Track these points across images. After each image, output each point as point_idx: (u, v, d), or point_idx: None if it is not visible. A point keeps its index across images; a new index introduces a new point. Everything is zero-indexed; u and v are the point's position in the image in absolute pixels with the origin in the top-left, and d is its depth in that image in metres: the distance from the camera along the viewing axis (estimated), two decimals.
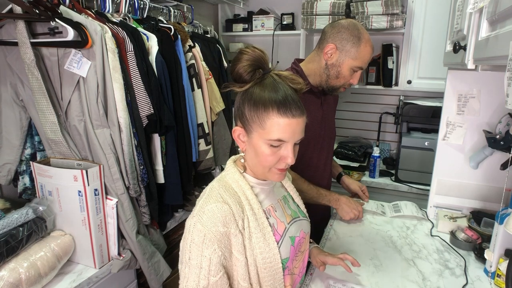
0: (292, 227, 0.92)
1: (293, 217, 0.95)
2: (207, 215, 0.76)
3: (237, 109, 0.83)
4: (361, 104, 2.66)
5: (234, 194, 0.83)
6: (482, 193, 1.46)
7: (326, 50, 1.30)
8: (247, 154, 0.85)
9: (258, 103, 0.77)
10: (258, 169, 0.85)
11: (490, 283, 1.11)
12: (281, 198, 0.97)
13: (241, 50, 0.79)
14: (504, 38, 0.68)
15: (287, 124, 0.77)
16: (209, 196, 0.81)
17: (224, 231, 0.76)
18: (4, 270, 1.03)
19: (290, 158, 0.80)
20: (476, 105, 1.40)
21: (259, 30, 2.63)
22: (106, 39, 1.22)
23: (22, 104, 1.30)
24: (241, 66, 0.78)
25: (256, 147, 0.80)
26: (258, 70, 0.80)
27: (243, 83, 0.80)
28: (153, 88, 1.40)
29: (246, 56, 0.78)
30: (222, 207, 0.77)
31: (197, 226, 0.75)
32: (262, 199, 0.89)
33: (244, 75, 0.79)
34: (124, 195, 1.30)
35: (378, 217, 1.56)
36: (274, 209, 0.90)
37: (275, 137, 0.77)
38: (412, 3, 2.11)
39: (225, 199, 0.79)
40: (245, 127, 0.81)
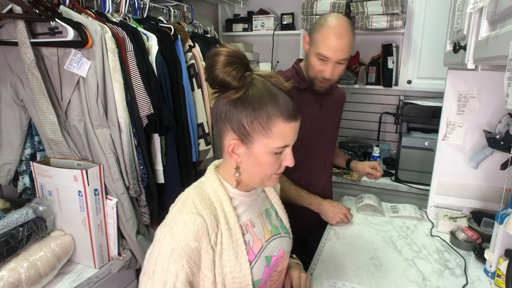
0: (270, 245, 0.85)
1: (273, 234, 0.87)
2: (178, 227, 0.69)
3: (226, 118, 0.73)
4: (361, 104, 2.66)
5: (210, 204, 0.76)
6: (482, 193, 1.46)
7: (304, 41, 1.37)
8: (243, 166, 0.77)
9: (260, 111, 0.70)
10: (256, 179, 0.79)
11: (490, 283, 1.11)
12: (263, 211, 0.89)
13: (217, 52, 0.69)
14: (504, 38, 0.68)
15: (291, 129, 0.74)
16: (183, 206, 0.74)
17: (195, 246, 0.70)
18: (4, 270, 1.03)
19: (290, 160, 0.77)
20: (476, 105, 1.40)
21: (259, 30, 2.63)
22: (106, 39, 1.21)
23: (22, 104, 1.30)
24: (226, 71, 0.68)
25: (259, 158, 0.74)
26: (246, 73, 0.72)
27: (230, 89, 0.71)
28: (153, 88, 1.40)
29: (224, 58, 0.69)
30: (195, 220, 0.70)
31: (166, 238, 0.69)
32: (241, 212, 0.82)
33: (233, 82, 0.69)
34: (124, 195, 1.30)
35: (378, 217, 1.56)
36: (253, 225, 0.83)
37: (282, 144, 0.73)
38: (412, 3, 2.11)
39: (199, 210, 0.73)
40: (243, 138, 0.73)
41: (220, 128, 0.76)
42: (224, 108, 0.73)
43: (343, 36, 1.23)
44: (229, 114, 0.72)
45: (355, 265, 1.19)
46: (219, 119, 0.75)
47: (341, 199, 1.77)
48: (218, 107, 0.75)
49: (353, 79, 2.48)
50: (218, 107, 0.75)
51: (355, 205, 1.66)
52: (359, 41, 2.54)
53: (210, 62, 0.70)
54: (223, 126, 0.75)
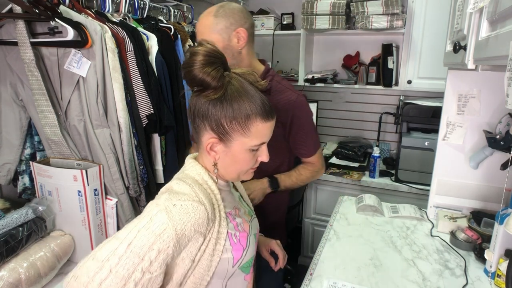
0: (252, 225, 0.91)
1: (249, 215, 0.94)
2: (178, 211, 0.67)
3: (204, 117, 0.74)
4: (361, 104, 2.66)
5: (207, 194, 0.76)
6: (482, 193, 1.45)
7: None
8: (220, 163, 0.79)
9: (239, 112, 0.72)
10: (233, 174, 0.82)
11: (490, 283, 1.11)
12: (238, 198, 0.95)
13: (195, 51, 0.69)
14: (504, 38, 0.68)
15: (268, 127, 0.77)
16: (180, 192, 0.72)
17: (189, 234, 0.69)
18: (4, 270, 1.03)
19: (266, 156, 0.80)
20: (476, 105, 1.40)
21: (259, 30, 2.63)
22: (106, 38, 1.21)
23: (22, 104, 1.30)
24: (206, 71, 0.69)
25: (236, 155, 0.77)
26: (225, 72, 0.73)
27: (209, 89, 0.71)
28: (153, 88, 1.40)
29: (203, 58, 0.68)
30: (198, 208, 0.69)
31: (160, 215, 0.66)
32: (228, 200, 0.85)
33: (213, 82, 0.70)
34: (124, 195, 1.30)
35: (378, 217, 1.56)
36: (238, 210, 0.89)
37: (259, 142, 0.76)
38: (412, 3, 2.11)
39: (201, 199, 0.72)
40: (222, 137, 0.75)
41: (198, 126, 0.77)
42: (202, 107, 0.74)
43: (200, 19, 1.19)
44: (208, 113, 0.74)
45: (355, 265, 1.19)
46: (197, 117, 0.76)
47: (341, 199, 1.77)
48: (196, 105, 0.75)
49: (353, 79, 2.48)
50: (196, 105, 0.75)
51: (355, 205, 1.66)
52: (359, 41, 2.55)
53: (188, 62, 0.70)
54: (201, 124, 0.76)
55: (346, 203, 1.71)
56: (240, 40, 1.17)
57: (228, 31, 1.15)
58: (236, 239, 0.81)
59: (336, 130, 2.79)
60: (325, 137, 2.82)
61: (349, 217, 1.56)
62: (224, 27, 1.14)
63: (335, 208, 1.66)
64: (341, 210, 1.64)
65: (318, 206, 2.46)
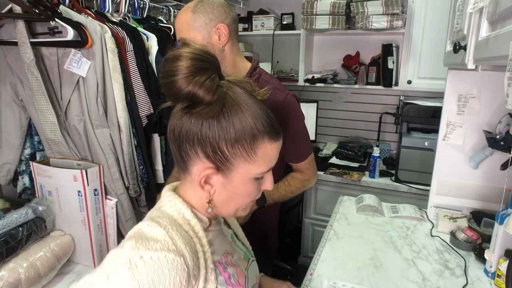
0: (249, 273, 0.73)
1: (246, 260, 0.75)
2: (147, 266, 0.50)
3: (196, 142, 0.57)
4: (361, 104, 2.66)
5: (189, 239, 0.58)
6: (482, 193, 1.45)
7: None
8: (216, 197, 0.62)
9: (243, 132, 0.56)
10: (231, 210, 0.64)
11: (490, 284, 1.11)
12: (231, 239, 0.75)
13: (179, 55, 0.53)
14: (504, 38, 0.68)
15: (277, 149, 0.61)
16: (151, 238, 0.54)
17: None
18: (4, 270, 1.03)
19: (270, 183, 0.64)
20: (476, 105, 1.40)
21: (259, 30, 2.63)
22: (106, 39, 1.22)
23: (22, 104, 1.30)
24: (197, 82, 0.52)
25: (237, 187, 0.60)
26: (220, 81, 0.57)
27: (202, 104, 0.54)
28: (153, 88, 1.40)
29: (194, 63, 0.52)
30: (174, 262, 0.52)
31: (122, 273, 0.49)
32: (217, 244, 0.66)
33: (207, 95, 0.53)
34: (123, 195, 1.30)
35: (378, 217, 1.56)
36: (231, 255, 0.69)
37: (266, 168, 0.61)
38: (412, 3, 2.11)
39: (179, 247, 0.54)
40: (221, 165, 0.58)
41: (186, 153, 0.59)
42: (193, 128, 0.56)
43: (178, 15, 1.12)
44: (202, 137, 0.56)
45: (355, 265, 1.19)
46: (185, 141, 0.58)
47: (341, 199, 1.77)
48: (182, 126, 0.57)
49: (353, 79, 2.48)
50: (182, 126, 0.57)
51: (355, 205, 1.66)
52: (359, 41, 2.55)
53: (169, 69, 0.53)
54: (191, 150, 0.58)
55: (346, 203, 1.71)
56: (221, 37, 1.09)
57: (208, 27, 1.08)
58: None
59: (336, 130, 2.79)
60: (325, 137, 2.82)
61: (349, 217, 1.56)
62: (203, 23, 1.07)
63: (335, 208, 1.66)
64: (341, 210, 1.64)
65: (318, 206, 2.46)
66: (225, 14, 1.09)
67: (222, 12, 1.09)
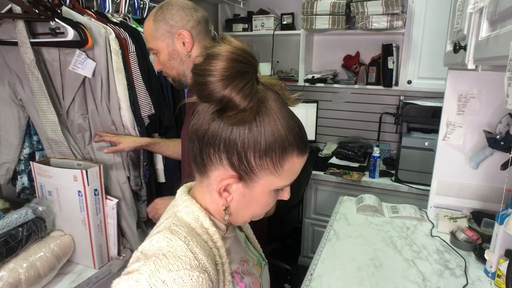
0: (263, 280, 0.70)
1: (259, 266, 0.72)
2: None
3: (222, 148, 0.52)
4: (361, 104, 2.66)
5: (209, 250, 0.55)
6: (482, 193, 1.45)
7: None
8: (233, 205, 0.58)
9: (274, 144, 0.52)
10: (246, 218, 0.62)
11: (490, 284, 1.11)
12: (244, 242, 0.72)
13: (214, 52, 0.48)
14: (504, 38, 0.68)
15: (303, 162, 0.57)
16: (172, 254, 0.49)
17: None
18: (4, 270, 1.03)
19: (287, 193, 0.61)
20: (476, 105, 1.40)
21: (259, 30, 2.63)
22: (110, 40, 1.23)
23: (21, 103, 1.30)
24: (235, 86, 0.47)
25: (257, 198, 0.57)
26: (258, 86, 0.52)
27: (235, 109, 0.49)
28: (154, 88, 1.41)
29: (228, 65, 0.47)
30: (199, 279, 0.47)
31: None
32: (234, 252, 0.63)
33: (243, 101, 0.48)
34: (126, 184, 1.35)
35: (378, 217, 1.56)
36: (247, 263, 0.66)
37: (289, 182, 0.58)
38: (412, 3, 2.11)
39: (202, 262, 0.50)
40: (244, 175, 0.54)
41: (207, 157, 0.54)
42: (221, 133, 0.52)
43: (144, 25, 1.10)
44: (230, 144, 0.52)
45: (355, 265, 1.19)
46: (210, 145, 0.53)
47: (341, 199, 1.77)
48: (209, 128, 0.52)
49: (353, 79, 2.48)
50: (209, 128, 0.52)
51: (355, 205, 1.66)
52: (359, 41, 2.55)
53: (204, 68, 0.48)
54: (214, 155, 0.53)
55: (346, 203, 1.71)
56: (185, 43, 1.05)
57: (170, 35, 1.04)
58: None
59: (336, 130, 2.79)
60: (325, 137, 2.82)
61: (349, 217, 1.56)
62: (164, 31, 1.03)
63: (335, 208, 1.66)
64: (341, 210, 1.64)
65: (318, 206, 2.46)
66: (187, 18, 1.04)
67: (183, 16, 1.04)
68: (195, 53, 1.07)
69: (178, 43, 1.05)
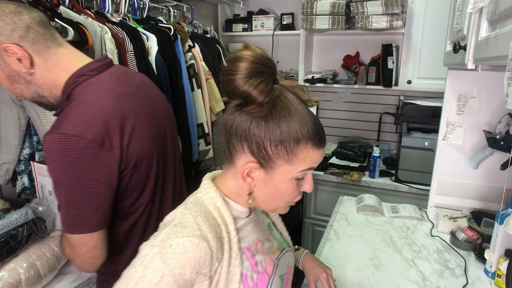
0: (280, 263, 0.76)
1: (280, 249, 0.79)
2: (174, 252, 0.57)
3: (244, 138, 0.61)
4: (361, 104, 2.66)
5: (216, 226, 0.63)
6: (482, 193, 1.45)
7: None
8: (257, 191, 0.66)
9: (288, 135, 0.60)
10: (271, 206, 0.69)
11: (490, 283, 1.11)
12: (266, 228, 0.79)
13: (240, 56, 0.57)
14: (504, 38, 0.68)
15: (319, 155, 0.64)
16: (181, 224, 0.60)
17: (190, 277, 0.58)
18: (4, 270, 1.03)
19: (310, 185, 0.68)
20: (476, 105, 1.40)
21: (259, 30, 2.63)
22: (105, 40, 1.22)
23: (21, 103, 1.30)
24: (252, 83, 0.56)
25: (278, 186, 0.64)
26: (274, 85, 0.61)
27: (254, 104, 0.58)
28: None
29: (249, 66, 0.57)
30: (198, 245, 0.58)
31: (155, 261, 0.56)
32: (248, 232, 0.71)
33: (259, 96, 0.57)
34: None
35: (378, 217, 1.56)
36: (262, 243, 0.73)
37: (305, 168, 0.63)
38: (412, 3, 2.11)
39: (204, 232, 0.60)
40: (263, 162, 0.62)
41: (233, 146, 0.63)
42: (242, 124, 0.61)
43: None
44: (249, 134, 0.60)
45: (355, 265, 1.19)
46: (234, 135, 0.62)
47: (341, 199, 1.77)
48: (234, 121, 0.62)
49: (353, 79, 2.48)
50: (234, 121, 0.62)
51: (355, 205, 1.66)
52: (359, 41, 2.55)
53: (230, 68, 0.57)
54: (238, 144, 0.62)
55: (346, 203, 1.71)
56: (21, 60, 0.81)
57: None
58: (252, 283, 0.67)
59: (336, 130, 2.79)
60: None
61: (349, 217, 1.56)
62: None
63: (335, 208, 1.66)
64: (341, 210, 1.64)
65: (318, 206, 2.46)
66: (9, 27, 0.78)
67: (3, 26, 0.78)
68: (41, 68, 0.83)
69: (12, 62, 0.81)
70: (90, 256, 0.86)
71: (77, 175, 0.77)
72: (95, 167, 0.79)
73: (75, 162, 0.77)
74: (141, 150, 0.88)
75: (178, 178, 1.11)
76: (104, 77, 0.87)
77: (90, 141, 0.77)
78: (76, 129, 0.76)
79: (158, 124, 0.98)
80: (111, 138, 0.80)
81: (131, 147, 0.85)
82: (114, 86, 0.87)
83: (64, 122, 0.77)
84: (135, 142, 0.86)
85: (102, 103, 0.82)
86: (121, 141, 0.82)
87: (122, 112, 0.84)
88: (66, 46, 0.87)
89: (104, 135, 0.79)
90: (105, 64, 0.89)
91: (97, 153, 0.78)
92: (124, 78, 0.92)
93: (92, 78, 0.85)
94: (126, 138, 0.83)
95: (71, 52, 0.87)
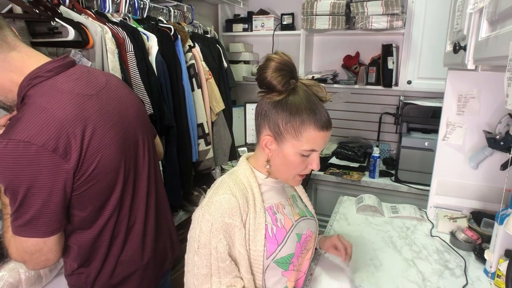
0: (299, 224, 0.95)
1: (300, 215, 0.98)
2: (214, 206, 0.80)
3: (265, 116, 0.83)
4: (361, 104, 2.66)
5: (243, 188, 0.86)
6: (482, 194, 1.46)
7: None
8: (273, 160, 0.86)
9: (295, 116, 0.79)
10: (283, 175, 0.88)
11: (490, 284, 1.11)
12: (290, 196, 1.00)
13: (270, 57, 0.79)
14: (504, 39, 0.68)
15: (321, 137, 0.81)
16: (218, 188, 0.85)
17: (230, 222, 0.79)
18: (4, 270, 1.03)
19: (316, 164, 0.85)
20: (476, 105, 1.40)
21: (259, 30, 2.63)
22: (106, 39, 1.22)
23: None
24: (273, 76, 0.77)
25: (287, 157, 0.83)
26: (291, 80, 0.80)
27: (274, 91, 0.79)
28: (153, 88, 1.40)
29: (275, 64, 0.77)
30: (229, 199, 0.81)
31: (205, 216, 0.79)
32: (271, 196, 0.92)
33: (278, 86, 0.78)
34: None
35: (378, 217, 1.56)
36: (283, 206, 0.93)
37: (309, 148, 0.81)
38: (412, 3, 2.11)
39: (233, 191, 0.83)
40: (277, 136, 0.82)
41: (259, 124, 0.85)
42: (265, 107, 0.82)
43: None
44: (269, 113, 0.82)
45: (355, 265, 1.19)
46: (260, 115, 0.84)
47: (341, 199, 1.77)
48: (261, 105, 0.84)
49: (353, 79, 2.48)
50: (261, 105, 0.84)
51: (355, 205, 1.66)
52: (359, 41, 2.55)
53: (262, 65, 0.79)
54: (262, 122, 0.84)
55: (346, 203, 1.71)
56: None
57: None
58: (272, 233, 0.86)
59: (336, 130, 2.79)
60: None
61: (349, 217, 1.56)
62: None
63: (335, 208, 1.66)
64: (341, 210, 1.64)
65: (318, 206, 2.46)
66: None
67: None
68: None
69: None
70: (43, 259, 0.84)
71: (29, 181, 0.74)
72: (48, 174, 0.75)
73: (25, 169, 0.73)
74: (103, 155, 0.84)
75: (153, 183, 1.05)
76: (62, 78, 0.82)
77: (40, 147, 0.72)
78: (25, 134, 0.72)
79: (126, 126, 0.92)
80: (66, 143, 0.76)
81: (90, 152, 0.80)
82: (72, 87, 0.82)
83: (14, 127, 0.74)
84: (95, 146, 0.82)
85: (56, 106, 0.77)
86: (80, 146, 0.78)
87: (81, 114, 0.80)
88: (20, 49, 0.81)
89: (57, 141, 0.74)
90: (64, 64, 0.84)
91: (50, 160, 0.74)
92: (85, 78, 0.87)
93: (48, 80, 0.80)
94: (85, 142, 0.79)
95: (26, 55, 0.82)
